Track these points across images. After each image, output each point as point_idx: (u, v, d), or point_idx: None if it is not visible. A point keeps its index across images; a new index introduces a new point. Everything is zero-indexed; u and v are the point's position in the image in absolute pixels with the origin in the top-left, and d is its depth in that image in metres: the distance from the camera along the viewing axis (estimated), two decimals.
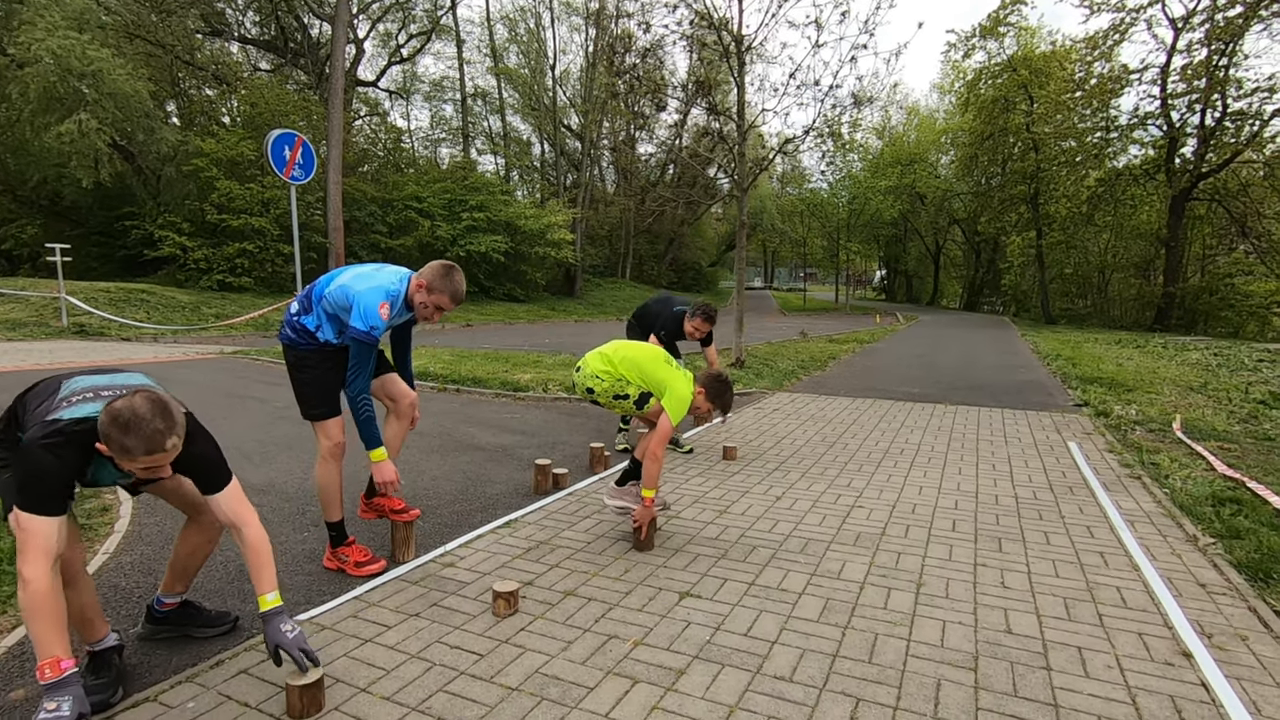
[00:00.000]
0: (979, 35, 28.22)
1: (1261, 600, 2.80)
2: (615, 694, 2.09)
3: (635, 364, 3.42)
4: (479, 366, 8.70)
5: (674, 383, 3.31)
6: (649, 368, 3.40)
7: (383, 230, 22.40)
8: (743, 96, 9.04)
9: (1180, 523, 3.75)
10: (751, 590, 2.84)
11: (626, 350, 3.50)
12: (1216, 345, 15.56)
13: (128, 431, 1.75)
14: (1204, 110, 22.19)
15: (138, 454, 1.77)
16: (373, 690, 2.09)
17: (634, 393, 3.39)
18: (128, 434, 1.75)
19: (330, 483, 2.94)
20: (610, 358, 3.46)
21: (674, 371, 3.39)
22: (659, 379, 3.36)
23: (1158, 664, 2.31)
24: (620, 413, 3.54)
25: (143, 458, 1.78)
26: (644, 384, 3.38)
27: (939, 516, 3.82)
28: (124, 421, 1.75)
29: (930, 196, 39.17)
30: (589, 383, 3.47)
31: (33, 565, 1.72)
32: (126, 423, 1.75)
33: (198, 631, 2.39)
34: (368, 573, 2.91)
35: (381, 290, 2.76)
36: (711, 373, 3.48)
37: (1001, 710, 2.03)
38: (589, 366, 3.50)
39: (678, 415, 3.24)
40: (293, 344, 2.90)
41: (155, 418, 1.78)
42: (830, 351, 13.00)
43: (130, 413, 1.75)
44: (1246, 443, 5.85)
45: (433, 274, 2.79)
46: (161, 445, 1.79)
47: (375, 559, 2.98)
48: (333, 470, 2.93)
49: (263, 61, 28.27)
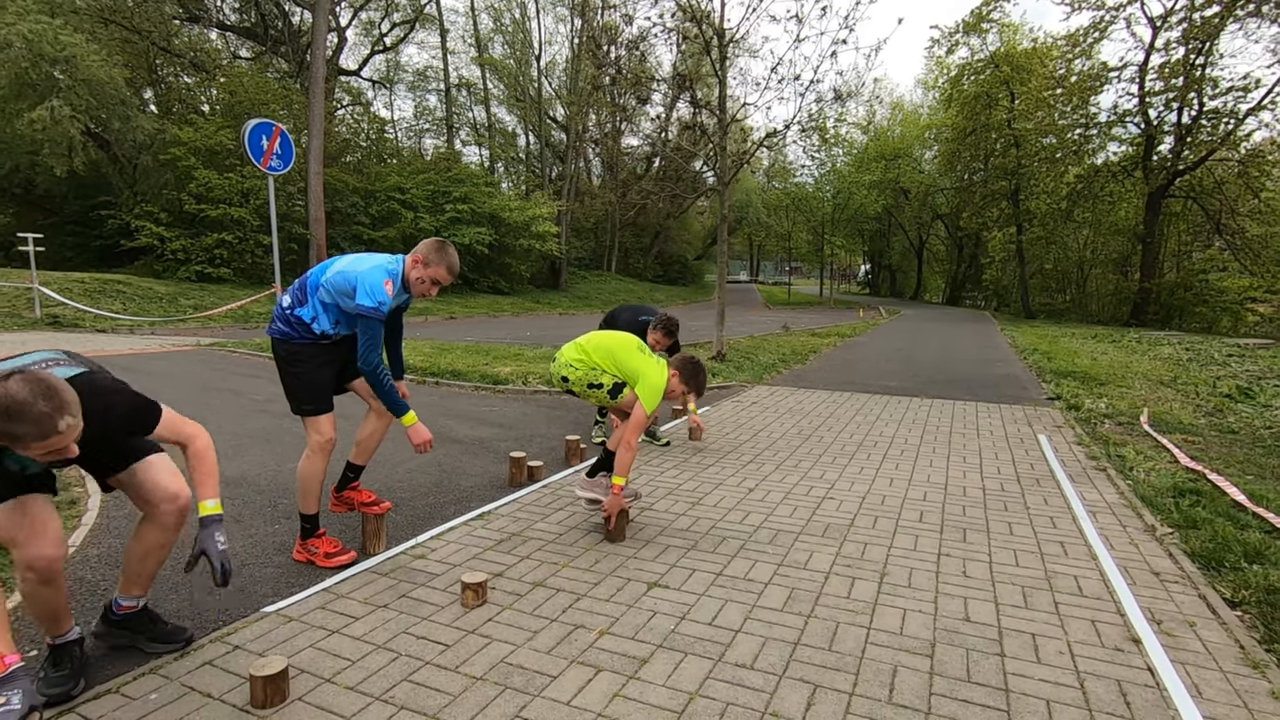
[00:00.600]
0: (962, 31, 28.40)
1: (1211, 588, 2.89)
2: (578, 682, 2.12)
3: (609, 352, 3.43)
4: (459, 359, 8.68)
5: (647, 370, 3.33)
6: (622, 355, 3.41)
7: (365, 221, 22.20)
8: (724, 90, 9.06)
9: (1140, 513, 3.84)
10: (719, 580, 2.88)
11: (600, 339, 3.53)
12: (1189, 340, 15.85)
13: (11, 419, 1.64)
14: (1181, 108, 22.50)
15: (30, 441, 1.67)
16: (337, 680, 2.10)
17: (608, 381, 3.40)
18: (13, 422, 1.64)
19: (312, 476, 2.93)
20: (584, 347, 3.49)
21: (647, 359, 3.41)
22: (632, 367, 3.37)
23: (1108, 649, 2.38)
24: (595, 403, 3.56)
25: (36, 444, 1.68)
26: (618, 372, 3.40)
27: (907, 508, 3.88)
28: (4, 409, 1.63)
29: (914, 191, 39.44)
30: (564, 371, 3.48)
31: None
32: (6, 410, 1.63)
33: (148, 645, 2.25)
34: (337, 564, 2.92)
35: (382, 269, 2.81)
36: (684, 356, 3.51)
37: (954, 695, 2.09)
38: (564, 356, 3.51)
39: (651, 403, 3.26)
40: (286, 338, 2.88)
41: (38, 400, 1.66)
42: (812, 345, 13.09)
43: (8, 400, 1.63)
44: (1211, 435, 5.99)
45: (427, 249, 2.86)
46: (54, 428, 1.67)
47: (345, 550, 2.99)
48: (318, 465, 2.93)
49: (243, 49, 27.82)
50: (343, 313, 2.88)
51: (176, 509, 2.15)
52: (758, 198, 44.91)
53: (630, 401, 3.38)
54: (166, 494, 2.13)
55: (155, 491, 2.12)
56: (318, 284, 2.86)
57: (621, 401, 3.44)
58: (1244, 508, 3.91)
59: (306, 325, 2.86)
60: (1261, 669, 2.26)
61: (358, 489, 3.21)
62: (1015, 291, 30.44)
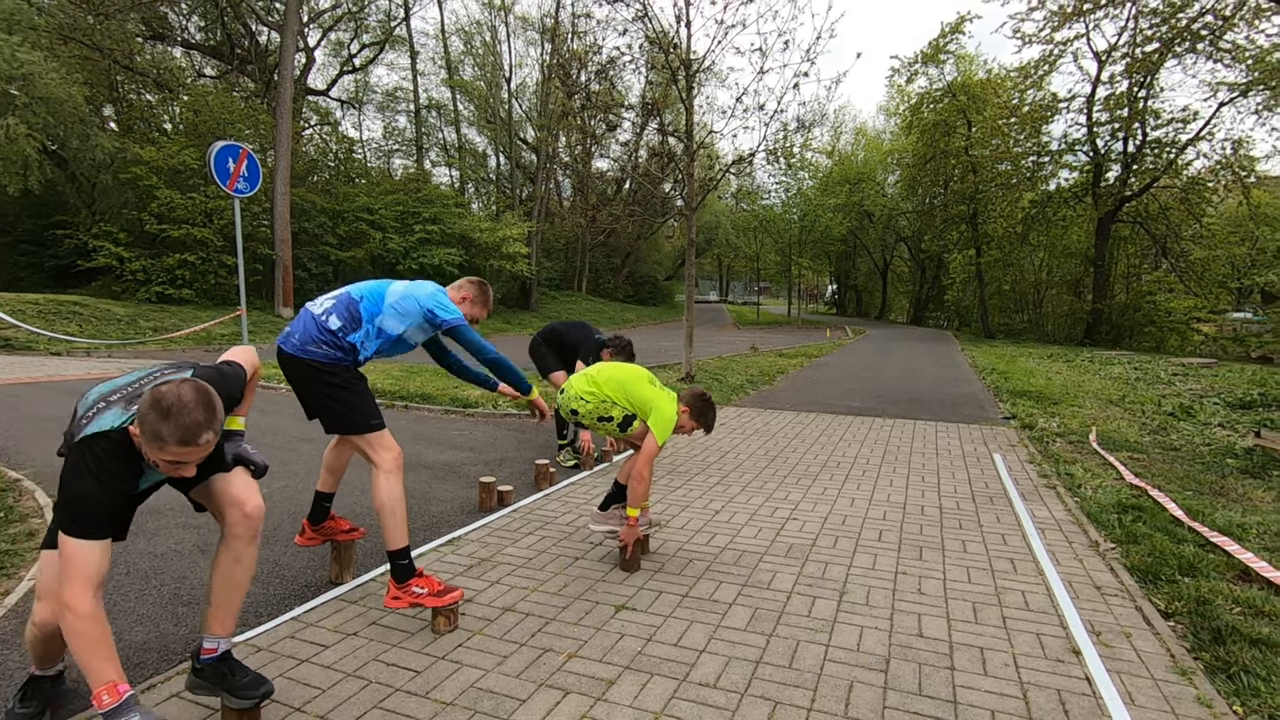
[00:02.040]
0: (921, 62, 29.47)
1: (1148, 600, 3.06)
2: (547, 705, 2.18)
3: (620, 384, 3.44)
4: (428, 382, 8.66)
5: (659, 403, 3.35)
6: (634, 388, 3.43)
7: (332, 242, 22.01)
8: (690, 118, 9.30)
9: (1086, 529, 4.04)
10: (685, 602, 2.96)
11: (611, 371, 3.54)
12: (1138, 360, 16.51)
13: (166, 417, 1.68)
14: (1126, 138, 23.64)
15: (170, 443, 1.69)
16: (308, 709, 2.13)
17: (618, 415, 3.42)
18: (166, 420, 1.68)
19: (400, 500, 2.74)
20: (595, 379, 3.50)
21: (658, 392, 3.43)
22: (643, 399, 3.40)
23: (1050, 661, 2.52)
24: (604, 434, 3.58)
25: (174, 448, 1.70)
26: (629, 405, 3.41)
27: (867, 527, 4.02)
28: (165, 406, 1.69)
29: (877, 214, 40.50)
30: (574, 404, 3.48)
31: (71, 591, 1.66)
32: (168, 408, 1.68)
33: (229, 700, 2.00)
34: (451, 600, 2.67)
35: (440, 287, 3.03)
36: (695, 391, 3.53)
37: (906, 708, 2.20)
38: (573, 388, 3.51)
39: (663, 435, 3.28)
40: (336, 361, 2.78)
41: (198, 408, 1.71)
42: (779, 366, 13.33)
43: (175, 398, 1.69)
44: (1155, 453, 6.29)
45: (476, 290, 3.15)
46: (196, 438, 1.72)
47: (451, 586, 2.76)
48: (400, 485, 2.78)
49: (208, 67, 27.55)
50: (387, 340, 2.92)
51: (244, 515, 2.05)
52: (727, 219, 45.66)
53: (641, 434, 3.40)
54: (235, 499, 2.05)
55: (224, 497, 2.06)
56: (374, 314, 2.86)
57: (631, 434, 3.46)
58: (1181, 523, 4.13)
59: (356, 350, 2.83)
60: (1189, 676, 2.42)
61: (335, 518, 3.17)
62: (976, 312, 31.34)
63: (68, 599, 1.66)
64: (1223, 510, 4.44)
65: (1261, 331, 25.72)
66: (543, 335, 5.78)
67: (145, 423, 1.70)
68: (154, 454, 1.74)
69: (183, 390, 1.72)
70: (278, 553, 3.44)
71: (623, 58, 10.29)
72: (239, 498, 2.05)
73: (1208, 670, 2.50)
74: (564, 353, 5.64)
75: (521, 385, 3.30)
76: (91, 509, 1.72)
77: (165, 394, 1.71)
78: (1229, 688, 2.37)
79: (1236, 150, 22.39)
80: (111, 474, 1.76)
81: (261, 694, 2.01)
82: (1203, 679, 2.41)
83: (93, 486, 1.72)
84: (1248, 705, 2.27)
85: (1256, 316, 28.49)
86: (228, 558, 2.04)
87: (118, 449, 1.77)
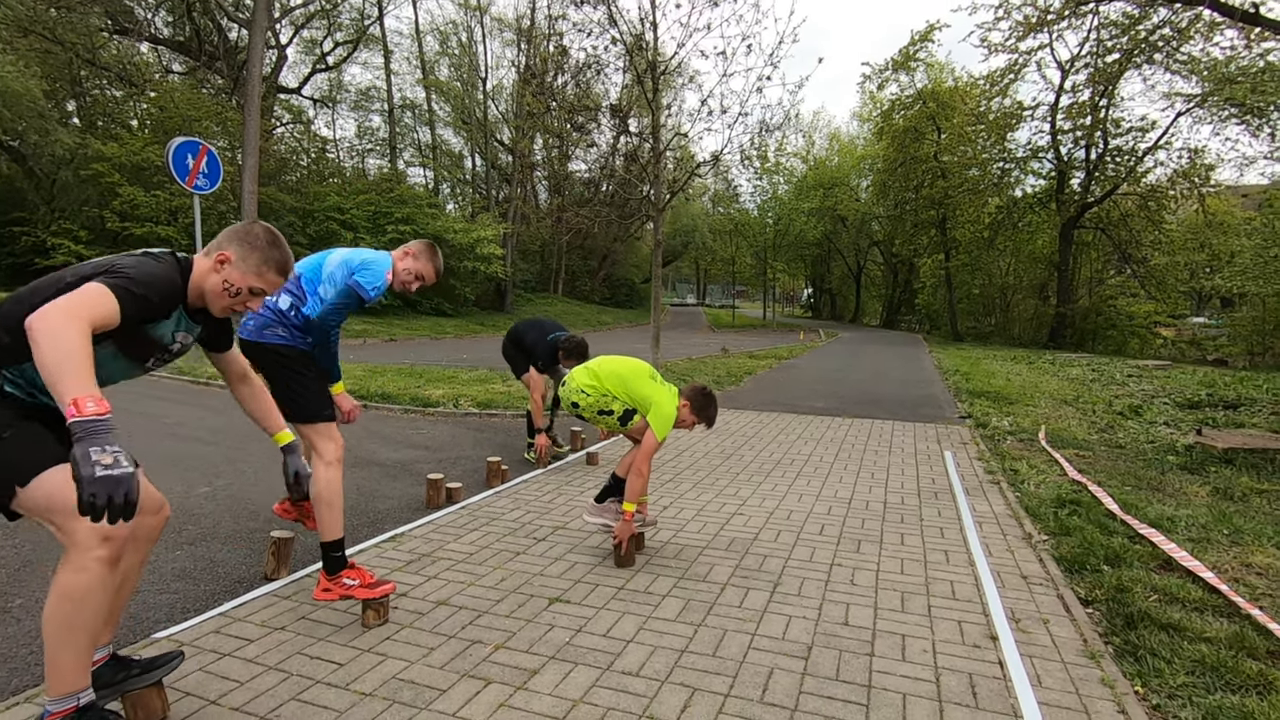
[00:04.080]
0: (892, 69, 29.91)
1: (1070, 589, 3.16)
2: (466, 695, 2.19)
3: (620, 379, 3.47)
4: (390, 382, 8.60)
5: (659, 398, 3.37)
6: (634, 383, 3.45)
7: (302, 242, 21.68)
8: (657, 120, 9.37)
9: (1022, 523, 4.14)
10: (620, 594, 2.99)
11: (612, 365, 3.56)
12: (1096, 362, 16.91)
13: (280, 244, 1.90)
14: (1088, 146, 24.23)
15: (284, 271, 1.94)
16: (221, 702, 2.12)
17: (618, 409, 3.44)
18: (281, 248, 1.90)
19: (340, 493, 2.73)
20: (596, 373, 3.51)
21: (659, 387, 3.45)
22: (644, 394, 3.41)
23: (967, 647, 2.59)
24: (605, 429, 3.59)
25: (281, 277, 1.93)
26: (629, 399, 3.43)
27: (811, 522, 4.09)
28: (274, 235, 1.90)
29: (851, 218, 40.99)
30: (575, 397, 3.50)
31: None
32: (276, 236, 1.89)
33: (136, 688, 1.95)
34: (383, 592, 2.66)
35: (387, 260, 2.92)
36: (696, 386, 3.56)
37: (821, 693, 2.25)
38: (574, 381, 3.53)
39: (663, 431, 3.31)
40: (290, 343, 2.78)
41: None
42: (748, 367, 13.44)
43: (272, 230, 1.91)
44: (1100, 450, 6.46)
45: (420, 245, 3.03)
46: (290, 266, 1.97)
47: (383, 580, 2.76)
48: (340, 477, 2.76)
49: (175, 63, 27.06)
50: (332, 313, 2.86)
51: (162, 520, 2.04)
52: (703, 223, 45.87)
53: (640, 428, 3.42)
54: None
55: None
56: (315, 282, 2.82)
57: (632, 429, 3.47)
58: (1114, 516, 4.26)
59: (313, 325, 2.82)
60: (1097, 659, 2.51)
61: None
62: (945, 315, 31.84)
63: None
64: (1156, 504, 4.59)
65: (1218, 335, 26.48)
66: (509, 337, 5.73)
67: (257, 248, 1.88)
68: (254, 282, 1.89)
69: (263, 225, 1.93)
70: (214, 550, 3.40)
71: (592, 61, 10.34)
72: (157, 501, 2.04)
73: (1117, 654, 2.59)
74: (526, 355, 5.60)
75: (335, 370, 3.10)
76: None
77: (267, 226, 1.92)
78: (1134, 669, 2.46)
79: (1194, 160, 23.08)
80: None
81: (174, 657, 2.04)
82: (1110, 662, 2.50)
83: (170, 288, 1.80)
84: (1149, 685, 2.36)
85: (1214, 321, 29.34)
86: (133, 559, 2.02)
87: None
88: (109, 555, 1.69)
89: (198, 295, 1.89)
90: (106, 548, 1.68)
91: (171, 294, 1.79)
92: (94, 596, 1.67)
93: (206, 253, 1.90)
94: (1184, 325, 29.97)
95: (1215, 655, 2.51)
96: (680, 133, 10.11)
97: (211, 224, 18.89)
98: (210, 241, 1.92)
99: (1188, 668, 2.45)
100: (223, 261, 1.87)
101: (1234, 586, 3.15)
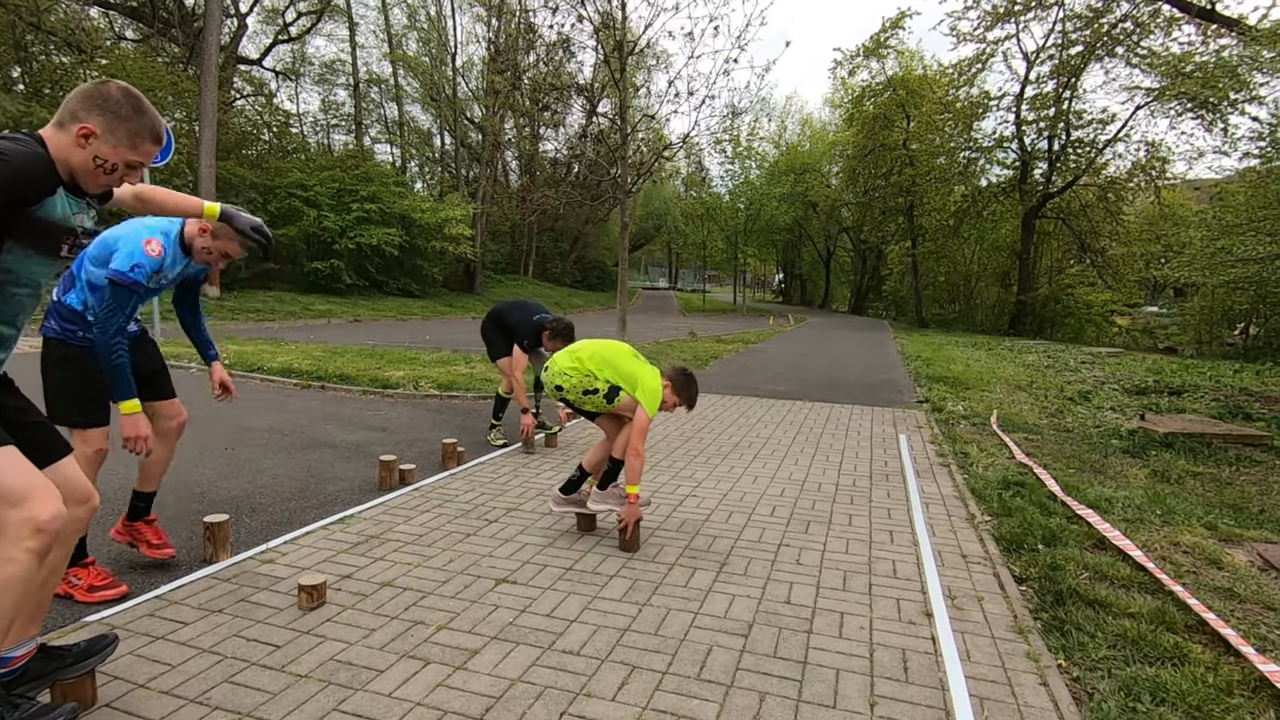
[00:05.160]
0: (862, 55, 30.04)
1: (1006, 567, 3.26)
2: (404, 675, 2.18)
3: (603, 359, 3.46)
4: (350, 363, 8.46)
5: (644, 376, 3.38)
6: (618, 361, 3.45)
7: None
8: (624, 101, 9.28)
9: (968, 504, 4.25)
10: (567, 575, 3.00)
11: (595, 347, 3.54)
12: (1052, 349, 17.38)
13: (147, 111, 1.72)
14: (1051, 137, 24.71)
15: (158, 139, 1.76)
16: (151, 685, 2.08)
17: (603, 387, 3.42)
18: (150, 115, 1.72)
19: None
20: (578, 355, 3.49)
21: (642, 364, 3.46)
22: (629, 372, 3.41)
23: (903, 624, 2.66)
24: (591, 409, 3.54)
25: (150, 145, 1.74)
26: (614, 379, 3.42)
27: (763, 503, 4.14)
28: (138, 97, 1.70)
29: (821, 204, 41.27)
30: (557, 380, 3.47)
31: None
32: (140, 99, 1.71)
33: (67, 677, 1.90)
34: (103, 598, 2.58)
35: (148, 228, 2.51)
36: (677, 367, 3.56)
37: (758, 669, 2.29)
38: (556, 365, 3.50)
39: (653, 407, 3.32)
40: (59, 337, 2.54)
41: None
42: (714, 351, 13.51)
43: (141, 96, 1.72)
44: (1049, 434, 6.65)
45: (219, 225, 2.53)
46: (163, 132, 1.77)
47: (115, 583, 2.66)
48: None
49: (128, 30, 25.96)
50: (100, 301, 2.48)
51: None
52: (675, 206, 45.77)
53: (629, 406, 3.42)
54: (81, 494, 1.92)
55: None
56: (82, 263, 2.51)
57: (619, 406, 3.45)
58: (1056, 497, 4.40)
59: (80, 316, 2.52)
60: (1025, 634, 2.60)
61: (153, 522, 2.97)
62: (911, 302, 32.36)
63: None
64: (1097, 486, 4.75)
65: (1169, 324, 27.38)
66: (490, 316, 5.57)
67: (119, 109, 1.68)
68: (125, 154, 1.71)
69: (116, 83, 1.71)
70: None
71: (562, 41, 10.18)
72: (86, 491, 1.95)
73: (1044, 629, 2.68)
74: (507, 335, 5.51)
75: (120, 388, 2.48)
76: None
77: (125, 86, 1.71)
78: (1060, 644, 2.55)
79: (1151, 153, 23.68)
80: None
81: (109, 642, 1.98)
82: (1037, 637, 2.59)
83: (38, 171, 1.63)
84: (1072, 659, 2.45)
85: (1166, 310, 30.32)
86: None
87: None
88: (39, 547, 1.65)
89: (66, 173, 1.70)
90: (38, 539, 1.64)
91: (43, 165, 1.62)
92: (16, 588, 1.62)
93: (59, 123, 1.67)
94: (1138, 314, 30.90)
95: (1136, 629, 2.62)
96: (649, 114, 10.03)
97: None
98: (60, 110, 1.68)
99: (1110, 641, 2.56)
100: (86, 135, 1.66)
101: (1160, 564, 3.28)
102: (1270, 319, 19.51)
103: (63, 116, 1.67)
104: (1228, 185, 18.14)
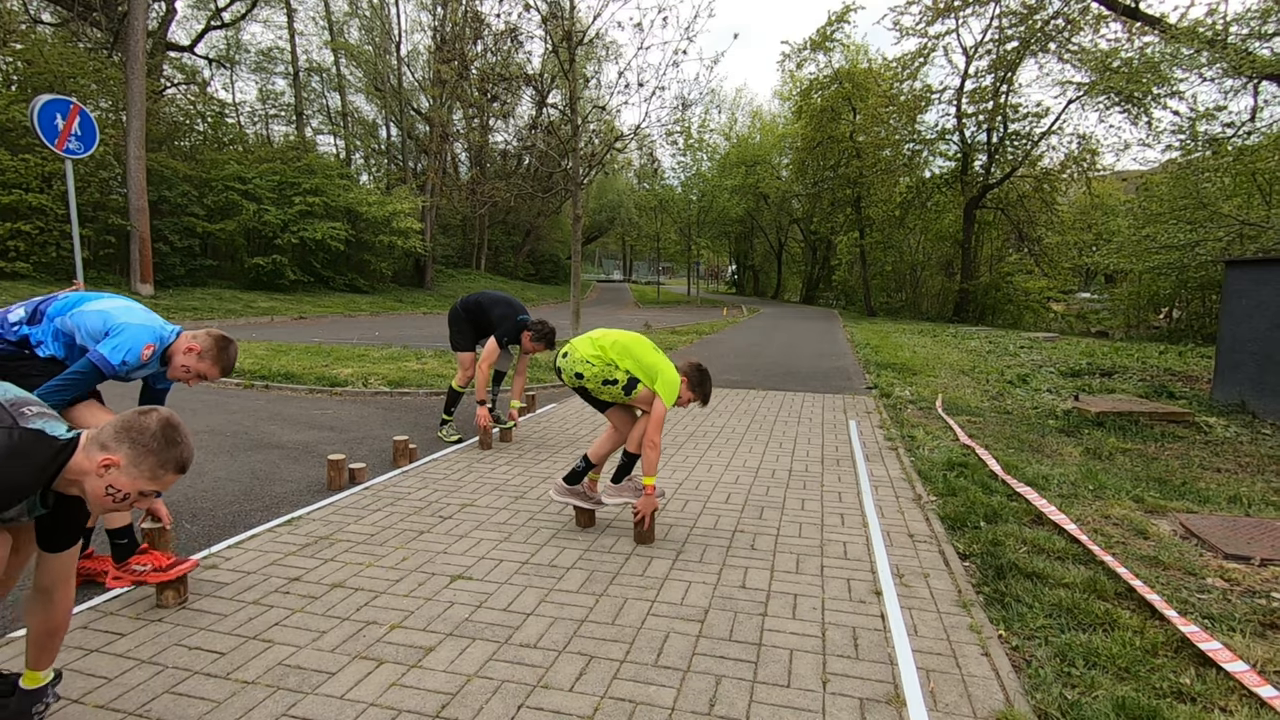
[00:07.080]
0: (810, 48, 30.44)
1: (950, 544, 3.38)
2: (357, 676, 2.14)
3: (626, 349, 3.41)
4: (295, 361, 8.20)
5: (664, 368, 3.36)
6: (639, 352, 3.41)
7: (199, 213, 20.24)
8: (574, 91, 9.20)
9: (914, 485, 4.39)
10: (523, 569, 2.99)
11: (617, 336, 3.49)
12: (993, 335, 18.04)
13: (180, 444, 1.69)
14: (989, 130, 25.55)
15: (183, 469, 1.73)
16: (86, 700, 1.99)
17: (622, 378, 3.37)
18: (181, 447, 1.70)
19: None
20: (600, 343, 3.44)
21: (661, 356, 3.44)
22: (649, 364, 3.38)
23: (853, 602, 2.74)
24: (609, 399, 3.48)
25: (173, 476, 1.71)
26: (635, 370, 3.38)
27: (718, 491, 4.20)
28: (180, 434, 1.70)
29: (772, 196, 41.73)
30: (578, 368, 3.40)
31: None
32: (183, 436, 1.70)
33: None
34: (180, 572, 2.61)
35: (152, 331, 2.63)
36: (691, 362, 3.53)
37: (714, 653, 2.33)
38: (577, 352, 3.43)
39: (671, 398, 3.30)
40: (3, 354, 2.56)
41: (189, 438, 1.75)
42: (669, 342, 13.58)
43: (177, 424, 1.71)
44: (990, 416, 6.91)
45: (210, 344, 2.71)
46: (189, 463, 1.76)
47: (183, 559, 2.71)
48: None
49: (45, 13, 24.44)
50: (74, 348, 2.63)
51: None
52: (629, 199, 45.68)
53: (645, 399, 3.38)
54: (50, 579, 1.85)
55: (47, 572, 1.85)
56: (62, 313, 2.61)
57: (636, 398, 3.41)
58: (996, 476, 4.58)
59: (31, 347, 2.59)
60: (968, 608, 2.70)
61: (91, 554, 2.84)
62: (860, 291, 33.10)
63: None
64: (1035, 465, 4.96)
65: (1100, 310, 28.71)
66: (464, 304, 5.40)
67: (153, 449, 1.66)
68: (147, 484, 1.67)
69: (169, 415, 1.73)
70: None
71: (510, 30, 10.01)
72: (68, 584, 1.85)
73: (986, 602, 2.80)
74: (482, 328, 5.38)
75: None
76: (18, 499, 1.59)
77: (173, 418, 1.72)
78: (1000, 615, 2.67)
79: (1082, 145, 24.73)
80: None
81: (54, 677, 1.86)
82: (980, 610, 2.70)
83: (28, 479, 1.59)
84: (1012, 629, 2.57)
85: (1098, 296, 31.78)
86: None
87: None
88: None
89: (71, 486, 1.67)
90: None
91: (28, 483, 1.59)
92: None
93: (88, 446, 1.65)
94: (1072, 300, 32.28)
95: (1071, 598, 2.75)
96: (600, 105, 9.97)
97: (93, 192, 17.41)
98: (102, 429, 1.67)
99: (1047, 611, 2.68)
100: (107, 465, 1.63)
101: (1093, 536, 3.45)
102: (1191, 303, 20.65)
103: (97, 439, 1.66)
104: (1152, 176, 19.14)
